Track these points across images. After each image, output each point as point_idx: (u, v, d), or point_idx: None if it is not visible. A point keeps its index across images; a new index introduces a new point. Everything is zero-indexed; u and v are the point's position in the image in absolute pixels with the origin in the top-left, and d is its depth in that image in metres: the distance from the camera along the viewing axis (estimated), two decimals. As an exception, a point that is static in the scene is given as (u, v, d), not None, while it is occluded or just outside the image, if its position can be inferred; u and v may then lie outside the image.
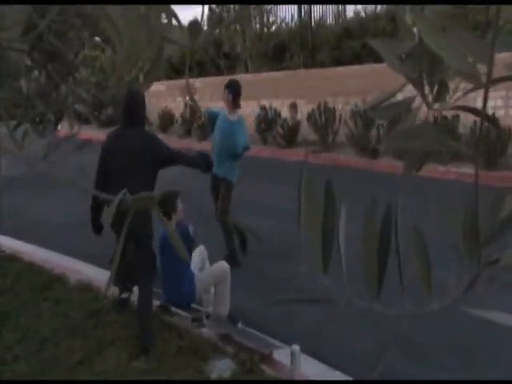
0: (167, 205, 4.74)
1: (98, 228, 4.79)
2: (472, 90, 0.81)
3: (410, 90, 0.87)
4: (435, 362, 4.26)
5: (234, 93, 6.41)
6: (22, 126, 1.61)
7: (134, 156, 4.54)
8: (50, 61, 1.41)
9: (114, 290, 5.24)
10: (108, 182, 4.53)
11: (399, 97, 0.93)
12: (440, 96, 0.84)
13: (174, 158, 4.80)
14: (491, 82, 0.73)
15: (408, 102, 0.87)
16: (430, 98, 0.84)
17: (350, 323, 4.59)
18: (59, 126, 2.07)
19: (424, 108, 0.91)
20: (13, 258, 6.67)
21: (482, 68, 0.74)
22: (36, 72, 1.50)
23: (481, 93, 0.76)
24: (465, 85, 0.83)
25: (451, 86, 0.89)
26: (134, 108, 4.69)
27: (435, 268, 0.87)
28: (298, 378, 3.98)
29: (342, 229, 0.90)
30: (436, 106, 0.85)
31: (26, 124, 1.62)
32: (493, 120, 3.63)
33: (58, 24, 1.32)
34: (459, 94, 0.90)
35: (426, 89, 0.85)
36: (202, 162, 5.07)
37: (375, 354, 3.88)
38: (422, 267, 0.82)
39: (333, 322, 4.74)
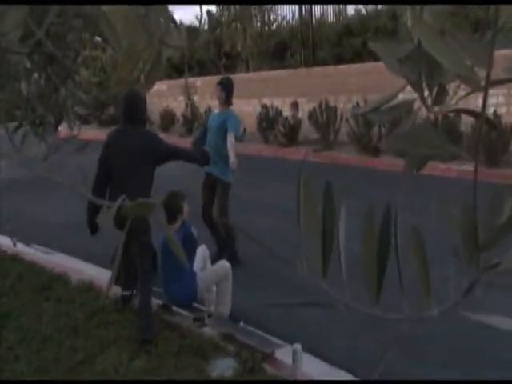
0: (174, 208, 4.77)
1: (94, 228, 4.80)
2: (472, 92, 0.80)
3: (410, 91, 0.87)
4: (435, 362, 4.25)
5: (227, 90, 6.36)
6: (21, 128, 1.61)
7: (134, 154, 4.58)
8: (49, 63, 1.40)
9: (116, 290, 5.24)
10: (109, 180, 4.58)
11: (400, 96, 0.92)
12: (439, 99, 0.84)
13: (173, 154, 4.90)
14: (490, 83, 0.73)
15: (408, 104, 0.87)
16: (429, 101, 0.84)
17: (351, 322, 4.59)
18: (60, 127, 2.07)
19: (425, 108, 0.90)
20: (14, 259, 6.68)
21: (482, 69, 0.74)
22: (36, 74, 1.50)
23: (482, 92, 0.75)
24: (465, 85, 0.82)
25: (452, 85, 0.88)
26: (133, 108, 4.74)
27: (436, 269, 0.87)
28: (299, 376, 3.98)
29: (341, 229, 0.90)
30: (435, 108, 0.85)
31: (25, 126, 1.62)
32: (492, 123, 3.62)
33: (56, 26, 1.32)
34: (461, 93, 0.89)
35: (425, 92, 0.85)
36: (200, 157, 5.22)
37: (376, 352, 3.87)
38: (419, 268, 0.81)
39: (334, 321, 4.74)
